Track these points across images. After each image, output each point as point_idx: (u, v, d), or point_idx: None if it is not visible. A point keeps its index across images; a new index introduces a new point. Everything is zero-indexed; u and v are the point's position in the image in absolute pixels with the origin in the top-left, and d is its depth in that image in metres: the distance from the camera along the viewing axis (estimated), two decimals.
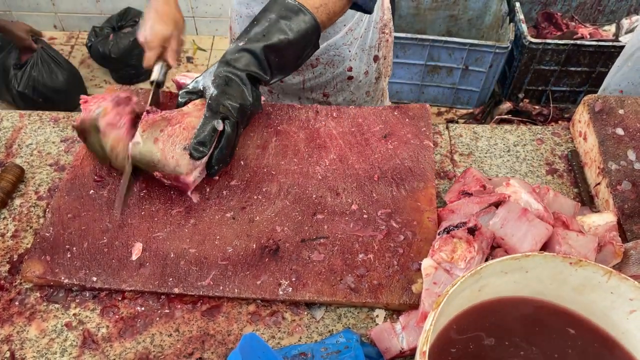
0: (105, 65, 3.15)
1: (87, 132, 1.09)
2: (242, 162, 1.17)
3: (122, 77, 3.15)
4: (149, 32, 1.20)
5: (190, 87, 1.10)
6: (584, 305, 0.86)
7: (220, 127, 1.03)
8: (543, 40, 2.57)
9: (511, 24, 2.67)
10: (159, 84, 1.23)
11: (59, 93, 2.90)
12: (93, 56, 3.11)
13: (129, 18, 3.15)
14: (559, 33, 2.85)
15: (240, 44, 1.06)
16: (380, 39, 1.49)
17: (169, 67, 1.25)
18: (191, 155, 1.03)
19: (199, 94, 1.09)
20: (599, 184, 1.16)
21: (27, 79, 2.84)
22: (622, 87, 1.55)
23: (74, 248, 1.03)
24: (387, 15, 1.48)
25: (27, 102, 2.89)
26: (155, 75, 1.23)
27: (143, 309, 0.99)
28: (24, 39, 2.80)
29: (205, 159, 1.05)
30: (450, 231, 0.95)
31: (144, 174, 1.10)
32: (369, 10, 1.17)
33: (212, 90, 1.05)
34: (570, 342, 0.84)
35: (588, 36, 2.79)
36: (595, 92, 1.53)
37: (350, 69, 1.47)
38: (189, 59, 3.24)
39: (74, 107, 2.88)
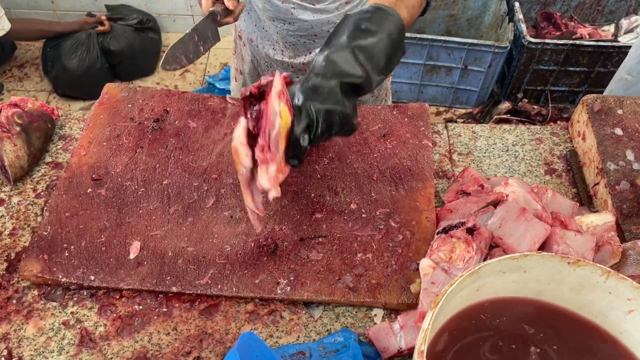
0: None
1: None
2: None
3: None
4: None
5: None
6: (582, 305, 0.86)
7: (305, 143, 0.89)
8: (542, 40, 2.57)
9: (510, 23, 2.67)
10: (214, 14, 1.15)
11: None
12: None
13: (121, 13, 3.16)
14: (558, 33, 2.85)
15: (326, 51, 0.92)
16: None
17: (226, 9, 1.17)
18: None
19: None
20: (597, 184, 1.16)
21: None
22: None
23: (72, 247, 1.03)
24: None
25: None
26: (213, 7, 1.16)
27: (141, 307, 0.99)
28: (87, 28, 3.00)
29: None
30: (449, 231, 0.95)
31: None
32: (429, 3, 1.11)
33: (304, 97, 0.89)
34: (569, 341, 0.84)
35: (587, 36, 2.79)
36: (594, 92, 1.53)
37: None
38: None
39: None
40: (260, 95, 0.90)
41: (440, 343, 0.81)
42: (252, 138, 0.90)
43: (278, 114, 0.85)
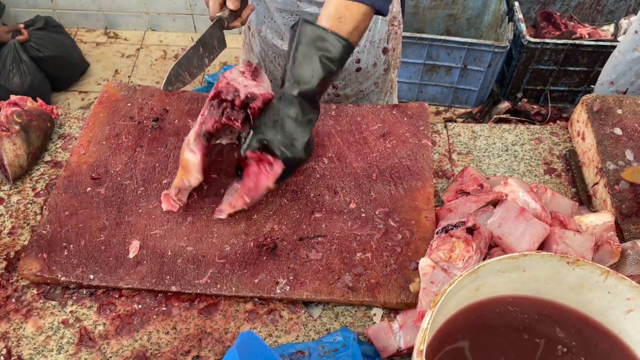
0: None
1: None
2: None
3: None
4: None
5: (254, 144, 1.05)
6: (581, 305, 0.86)
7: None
8: (542, 40, 2.57)
9: (510, 23, 2.67)
10: (221, 20, 1.19)
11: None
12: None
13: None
14: (557, 33, 2.85)
15: (294, 92, 1.03)
16: (390, 31, 1.49)
17: (232, 12, 1.21)
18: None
19: (266, 148, 1.05)
20: (596, 183, 1.16)
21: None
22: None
23: (71, 246, 1.03)
24: (396, 8, 1.48)
25: None
26: (220, 13, 1.20)
27: (140, 306, 0.99)
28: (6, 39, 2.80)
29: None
30: (449, 230, 0.95)
31: None
32: (385, 14, 1.17)
33: (285, 154, 1.03)
34: (568, 341, 0.85)
35: (587, 36, 2.79)
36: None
37: (358, 61, 1.48)
38: None
39: None
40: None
41: (439, 342, 0.81)
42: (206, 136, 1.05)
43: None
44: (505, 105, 2.80)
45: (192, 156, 1.03)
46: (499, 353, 0.83)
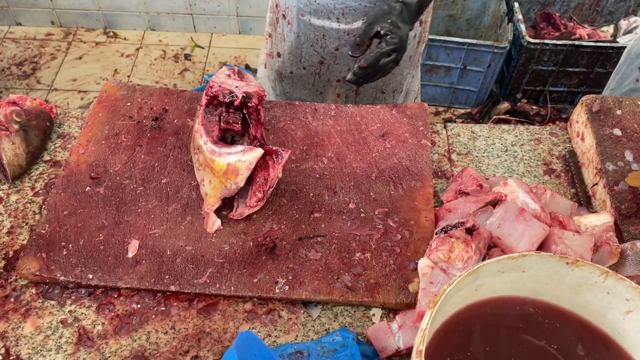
0: None
1: None
2: None
3: None
4: None
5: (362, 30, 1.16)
6: (580, 306, 0.86)
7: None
8: (541, 41, 2.57)
9: (510, 24, 2.67)
10: None
11: None
12: None
13: None
14: (557, 33, 2.85)
15: None
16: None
17: None
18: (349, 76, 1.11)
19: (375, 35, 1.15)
20: (596, 184, 1.16)
21: None
22: None
23: (70, 245, 1.03)
24: None
25: None
26: None
27: (139, 306, 0.99)
28: None
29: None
30: (448, 231, 0.95)
31: None
32: None
33: (392, 31, 1.13)
34: (567, 342, 0.84)
35: (586, 37, 2.79)
36: (593, 92, 1.53)
37: None
38: (187, 57, 3.23)
39: None
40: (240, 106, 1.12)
41: (438, 343, 0.81)
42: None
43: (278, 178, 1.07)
44: (504, 105, 2.80)
45: (231, 158, 1.03)
46: (498, 353, 0.83)
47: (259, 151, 1.03)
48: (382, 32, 1.13)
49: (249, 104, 1.10)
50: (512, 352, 0.83)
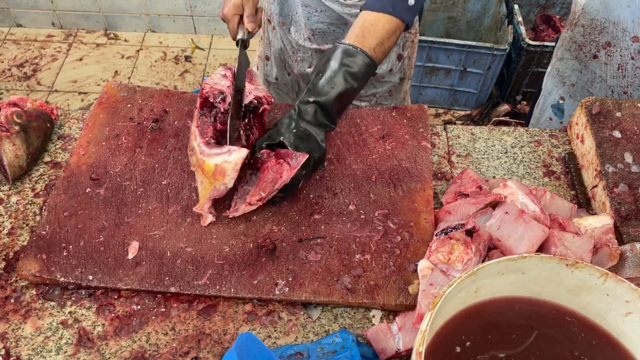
0: None
1: None
2: None
3: None
4: (224, 6, 1.28)
5: (266, 138, 1.11)
6: (580, 307, 0.86)
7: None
8: (541, 43, 2.57)
9: (509, 26, 2.67)
10: (244, 42, 1.29)
11: None
12: None
13: None
14: (557, 35, 2.85)
15: (311, 99, 1.10)
16: (406, 38, 1.49)
17: (249, 31, 1.30)
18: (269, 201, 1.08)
19: (278, 145, 1.10)
20: (595, 186, 1.16)
21: None
22: None
23: (70, 246, 1.03)
24: None
25: None
26: (240, 34, 1.30)
27: (139, 307, 0.99)
28: None
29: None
30: (448, 233, 0.96)
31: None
32: (409, 26, 1.22)
33: (298, 147, 1.08)
34: (567, 343, 0.85)
35: None
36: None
37: None
38: (187, 58, 3.23)
39: None
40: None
41: (438, 344, 0.81)
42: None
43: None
44: (504, 107, 2.80)
45: (218, 159, 1.03)
46: (497, 355, 0.83)
47: (244, 151, 1.01)
48: (288, 146, 1.07)
49: (260, 109, 1.15)
50: (512, 353, 0.83)
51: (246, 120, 1.17)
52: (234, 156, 1.01)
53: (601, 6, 1.34)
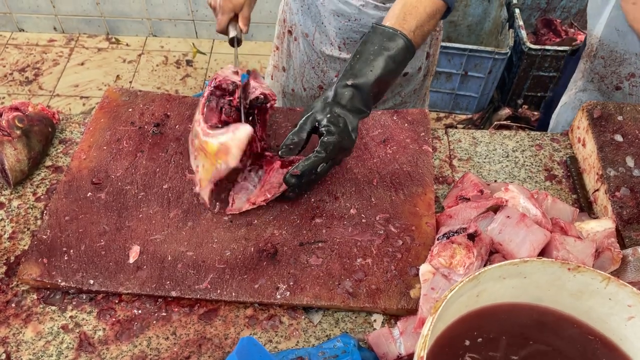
0: None
1: None
2: None
3: None
4: None
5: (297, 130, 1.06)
6: (582, 311, 0.86)
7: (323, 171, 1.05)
8: (542, 47, 2.58)
9: (510, 30, 2.68)
10: (239, 40, 1.27)
11: None
12: None
13: None
14: (558, 39, 2.86)
15: (349, 82, 1.05)
16: (432, 36, 1.49)
17: (241, 30, 1.27)
18: (284, 179, 1.03)
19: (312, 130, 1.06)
20: (597, 190, 1.16)
21: None
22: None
23: (71, 251, 1.03)
24: None
25: None
26: (233, 32, 1.26)
27: (140, 311, 0.99)
28: None
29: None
30: (450, 237, 0.95)
31: None
32: (451, 8, 1.19)
33: (330, 131, 1.03)
34: (569, 348, 0.84)
35: None
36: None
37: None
38: (189, 62, 3.24)
39: None
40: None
41: (440, 349, 0.81)
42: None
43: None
44: (505, 111, 2.80)
45: (222, 137, 1.01)
46: (499, 359, 0.83)
47: (249, 128, 1.00)
48: (320, 128, 1.02)
49: (265, 106, 1.14)
50: (514, 358, 0.83)
51: (250, 118, 1.16)
52: (239, 132, 1.00)
53: (619, 38, 1.33)
